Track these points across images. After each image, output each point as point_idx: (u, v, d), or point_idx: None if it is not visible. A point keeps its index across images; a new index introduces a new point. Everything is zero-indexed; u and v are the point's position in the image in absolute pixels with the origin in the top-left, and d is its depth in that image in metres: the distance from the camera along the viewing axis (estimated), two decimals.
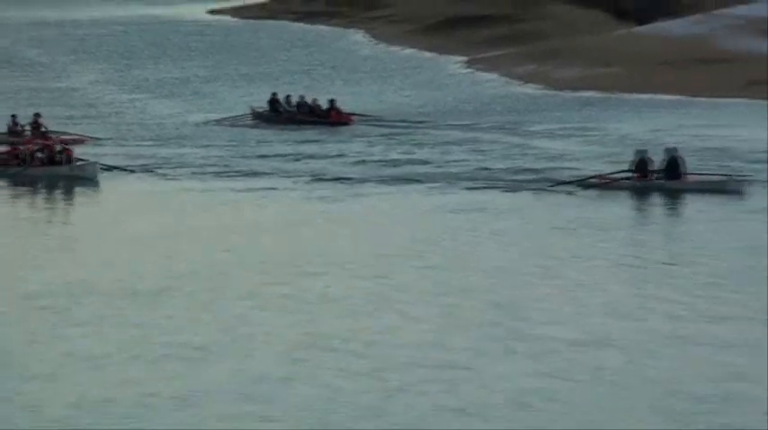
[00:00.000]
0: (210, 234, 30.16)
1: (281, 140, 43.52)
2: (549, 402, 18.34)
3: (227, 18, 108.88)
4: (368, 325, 22.23)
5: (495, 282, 26.30)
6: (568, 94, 54.64)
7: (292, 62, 70.63)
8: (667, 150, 35.38)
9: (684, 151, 36.77)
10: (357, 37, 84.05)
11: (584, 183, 35.67)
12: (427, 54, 70.42)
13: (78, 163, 36.97)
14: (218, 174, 37.39)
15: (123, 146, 42.39)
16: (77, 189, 35.46)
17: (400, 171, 38.45)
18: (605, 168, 35.99)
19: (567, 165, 37.66)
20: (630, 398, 18.61)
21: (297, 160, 39.92)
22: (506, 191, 35.81)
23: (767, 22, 62.22)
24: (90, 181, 35.80)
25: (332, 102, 47.08)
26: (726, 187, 34.92)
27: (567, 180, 35.80)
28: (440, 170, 38.57)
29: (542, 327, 22.20)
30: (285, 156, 40.73)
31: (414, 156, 41.02)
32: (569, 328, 22.41)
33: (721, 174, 35.40)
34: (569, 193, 34.02)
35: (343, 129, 46.63)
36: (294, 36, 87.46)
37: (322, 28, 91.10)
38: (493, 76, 60.82)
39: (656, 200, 34.58)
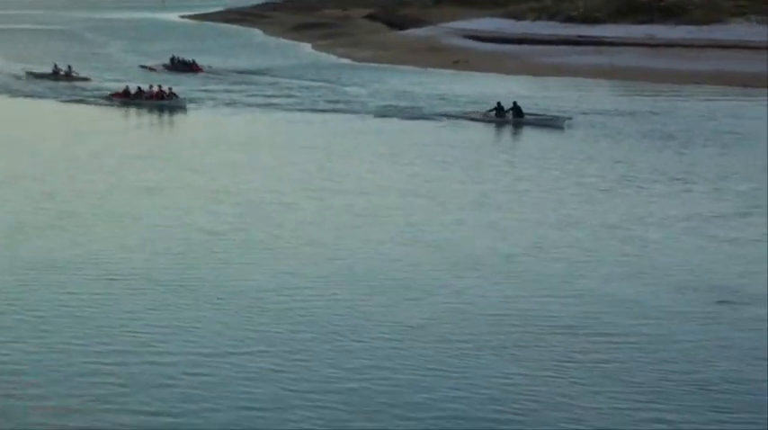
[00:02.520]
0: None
1: (179, 79, 61.64)
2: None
3: (191, 21, 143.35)
4: None
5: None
6: (365, 64, 76.26)
7: (212, 43, 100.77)
8: (514, 102, 45.32)
9: (422, 96, 54.12)
10: (256, 31, 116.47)
11: (462, 116, 45.78)
12: (292, 42, 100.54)
13: (175, 98, 50.75)
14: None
15: (117, 81, 60.88)
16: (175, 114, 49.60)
17: (257, 100, 53.67)
18: (380, 101, 51.94)
19: (363, 100, 53.10)
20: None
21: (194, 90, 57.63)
22: (320, 113, 48.58)
23: (465, 32, 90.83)
24: (182, 108, 50.11)
25: (194, 60, 69.42)
26: (552, 123, 43.06)
27: (451, 114, 46.64)
28: (281, 101, 53.64)
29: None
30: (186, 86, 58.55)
31: (265, 93, 56.76)
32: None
33: (550, 115, 44.03)
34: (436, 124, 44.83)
35: (200, 75, 65.78)
36: (222, 31, 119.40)
37: (238, 27, 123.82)
38: (325, 53, 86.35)
39: (508, 129, 43.89)
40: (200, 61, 71.50)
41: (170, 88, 52.11)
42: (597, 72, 68.32)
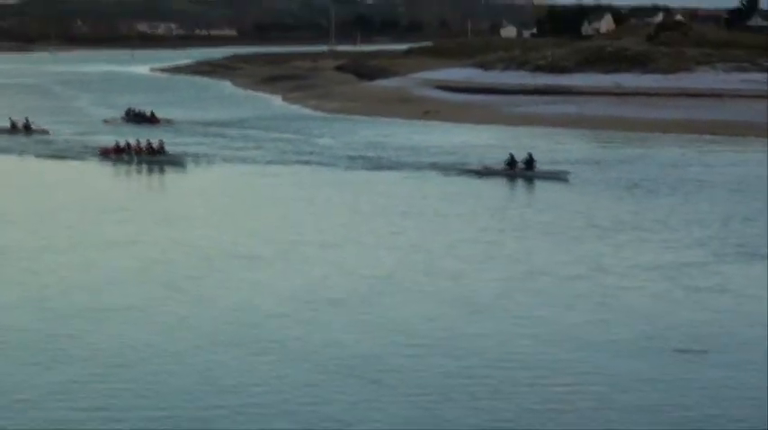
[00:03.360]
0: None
1: (137, 132, 60.00)
2: None
3: (160, 74, 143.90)
4: None
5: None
6: (334, 115, 77.26)
7: (182, 95, 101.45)
8: (529, 154, 45.38)
9: (390, 147, 54.25)
10: (226, 83, 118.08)
11: (474, 171, 45.39)
12: (262, 94, 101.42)
13: (170, 153, 49.50)
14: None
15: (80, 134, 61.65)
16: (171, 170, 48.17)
17: (226, 153, 53.03)
18: (349, 151, 52.15)
19: (334, 152, 53.47)
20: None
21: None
22: (295, 165, 48.23)
23: (434, 82, 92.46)
24: (180, 164, 48.54)
25: (152, 112, 69.88)
26: (559, 176, 43.78)
27: (464, 169, 46.07)
28: (250, 153, 53.42)
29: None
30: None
31: (233, 145, 56.70)
32: None
33: (556, 170, 44.68)
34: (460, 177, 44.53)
35: (161, 126, 65.73)
36: (192, 83, 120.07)
37: (208, 79, 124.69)
38: (296, 105, 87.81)
39: (521, 182, 44.10)
40: (170, 114, 71.92)
41: (160, 141, 51.04)
42: (566, 121, 69.06)
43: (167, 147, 51.00)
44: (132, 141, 51.43)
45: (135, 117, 70.94)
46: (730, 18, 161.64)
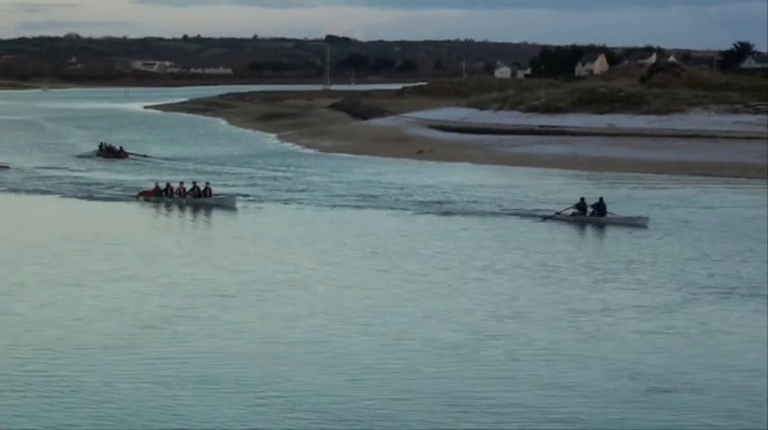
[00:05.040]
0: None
1: (107, 166, 65.52)
2: None
3: (154, 111, 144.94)
4: None
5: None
6: (328, 154, 77.48)
7: (175, 133, 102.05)
8: (600, 198, 43.55)
9: (382, 185, 54.75)
10: (220, 121, 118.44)
11: (546, 216, 43.63)
12: (257, 132, 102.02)
13: (218, 195, 47.74)
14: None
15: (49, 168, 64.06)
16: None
17: (218, 190, 50.52)
18: (342, 190, 52.20)
19: (326, 190, 53.68)
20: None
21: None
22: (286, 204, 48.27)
23: (428, 122, 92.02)
24: (230, 207, 46.69)
25: (121, 147, 72.25)
26: (635, 222, 41.43)
27: (537, 215, 44.21)
28: (243, 190, 52.59)
29: None
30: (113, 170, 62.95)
31: (226, 182, 55.81)
32: None
33: (634, 215, 42.58)
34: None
35: (129, 161, 68.62)
36: (186, 121, 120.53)
37: (202, 117, 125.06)
38: (290, 144, 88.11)
39: (590, 228, 42.15)
40: (164, 152, 73.47)
41: (207, 183, 49.34)
42: (560, 161, 69.24)
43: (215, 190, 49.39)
44: (175, 184, 50.09)
45: (107, 152, 72.93)
46: (723, 60, 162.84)
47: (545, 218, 43.25)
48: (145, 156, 72.01)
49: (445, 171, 64.84)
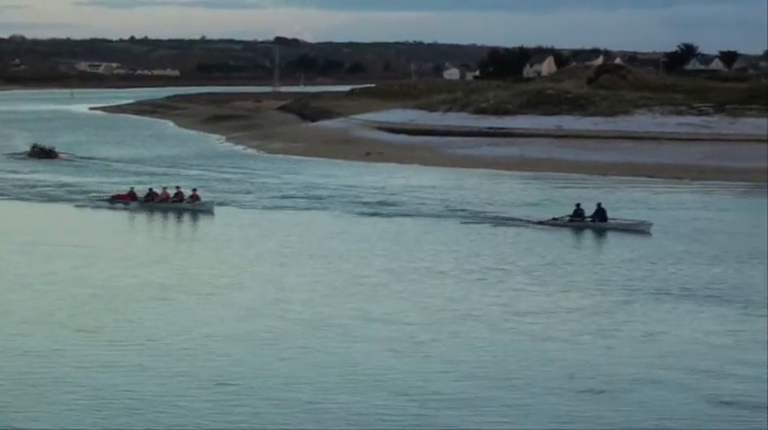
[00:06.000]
0: None
1: (42, 166, 65.67)
2: None
3: (100, 113, 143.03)
4: None
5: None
6: (277, 156, 77.41)
7: (120, 134, 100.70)
8: (598, 204, 42.16)
9: (330, 187, 54.82)
10: (168, 123, 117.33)
11: (540, 222, 42.20)
12: (205, 134, 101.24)
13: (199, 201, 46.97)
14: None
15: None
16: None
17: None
18: (287, 191, 52.70)
19: (280, 193, 53.20)
20: None
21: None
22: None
23: (377, 124, 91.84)
24: (207, 212, 45.95)
25: (52, 148, 72.90)
26: (637, 228, 40.10)
27: (526, 220, 42.71)
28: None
29: None
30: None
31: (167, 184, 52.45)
32: None
33: (636, 220, 41.34)
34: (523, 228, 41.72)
35: (60, 161, 69.06)
36: (133, 123, 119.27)
37: (150, 119, 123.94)
38: (239, 146, 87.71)
39: (588, 235, 41.18)
40: (110, 154, 73.01)
41: (194, 190, 48.16)
42: (508, 163, 69.54)
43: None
44: (158, 189, 49.02)
45: (39, 152, 72.92)
46: (668, 62, 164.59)
47: (540, 223, 42.33)
48: (79, 157, 71.80)
49: (393, 173, 64.86)
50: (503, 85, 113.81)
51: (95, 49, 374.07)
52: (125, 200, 48.55)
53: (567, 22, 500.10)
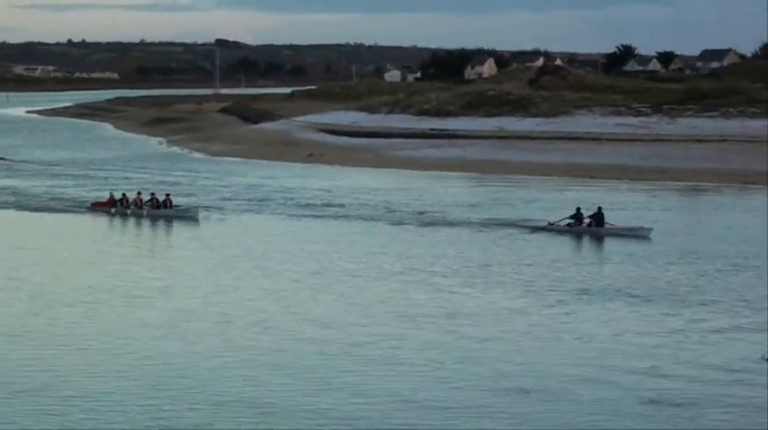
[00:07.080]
0: None
1: None
2: None
3: (36, 116, 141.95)
4: None
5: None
6: (217, 158, 77.84)
7: (57, 137, 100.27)
8: (598, 208, 41.29)
9: (272, 189, 54.70)
10: (107, 126, 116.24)
11: (538, 227, 41.22)
12: (145, 136, 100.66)
13: (179, 206, 46.11)
14: None
15: None
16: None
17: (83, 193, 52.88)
18: (227, 193, 52.70)
19: (220, 196, 52.99)
20: None
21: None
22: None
23: (319, 126, 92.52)
24: (193, 218, 44.67)
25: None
26: (636, 233, 38.88)
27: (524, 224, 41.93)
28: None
29: None
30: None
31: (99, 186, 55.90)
32: None
33: (634, 226, 40.26)
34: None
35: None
36: (70, 126, 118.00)
37: (88, 122, 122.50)
38: (178, 148, 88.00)
39: (587, 238, 40.25)
40: (46, 157, 72.46)
41: (167, 195, 47.30)
42: (449, 165, 69.85)
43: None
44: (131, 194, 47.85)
45: None
46: (607, 63, 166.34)
47: (536, 229, 41.43)
48: (15, 160, 71.04)
49: (335, 175, 64.78)
50: (444, 86, 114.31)
51: (32, 52, 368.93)
52: (103, 207, 47.66)
53: (507, 24, 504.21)
